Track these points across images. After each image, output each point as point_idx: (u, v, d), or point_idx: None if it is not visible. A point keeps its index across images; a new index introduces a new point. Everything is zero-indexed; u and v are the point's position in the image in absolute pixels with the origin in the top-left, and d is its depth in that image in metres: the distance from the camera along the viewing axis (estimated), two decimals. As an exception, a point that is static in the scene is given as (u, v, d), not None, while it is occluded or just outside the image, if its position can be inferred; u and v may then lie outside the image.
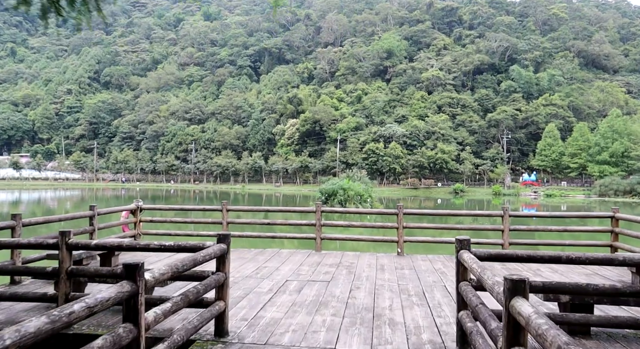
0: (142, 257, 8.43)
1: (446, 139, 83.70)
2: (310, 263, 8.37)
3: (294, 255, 9.16)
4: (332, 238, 10.06)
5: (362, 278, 7.19)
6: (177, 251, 4.81)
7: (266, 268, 7.95)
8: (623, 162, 68.13)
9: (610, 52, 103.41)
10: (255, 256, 9.03)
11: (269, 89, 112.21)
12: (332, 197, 35.38)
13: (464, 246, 4.35)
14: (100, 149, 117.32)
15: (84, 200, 53.28)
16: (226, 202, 9.94)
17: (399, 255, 9.26)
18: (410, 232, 15.73)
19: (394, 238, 9.46)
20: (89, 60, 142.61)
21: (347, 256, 9.13)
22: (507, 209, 9.16)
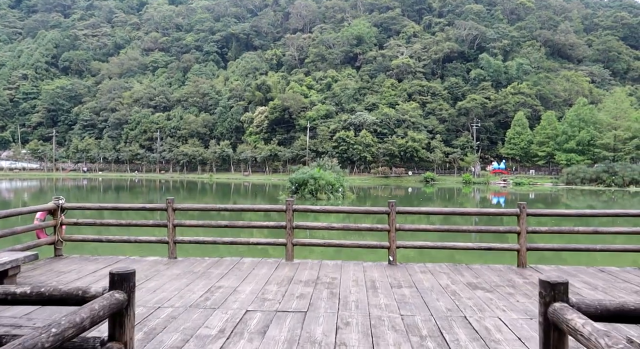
0: None
1: (417, 127, 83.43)
2: (280, 279, 6.54)
3: (259, 267, 7.33)
4: (307, 244, 8.29)
5: (350, 305, 5.38)
6: (25, 303, 2.72)
7: (220, 289, 6.08)
8: (589, 150, 69.41)
9: (575, 42, 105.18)
10: (208, 268, 7.20)
11: (237, 76, 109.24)
12: (302, 187, 34.02)
13: (558, 295, 2.44)
14: (59, 137, 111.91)
15: (42, 191, 50.25)
16: (172, 199, 7.90)
17: (391, 264, 7.47)
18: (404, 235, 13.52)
19: (384, 243, 7.63)
20: (46, 44, 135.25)
21: (326, 267, 7.29)
22: (524, 206, 7.28)
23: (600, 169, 62.13)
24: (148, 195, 44.37)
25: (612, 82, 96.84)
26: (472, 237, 12.97)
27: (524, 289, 6.02)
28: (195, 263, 7.56)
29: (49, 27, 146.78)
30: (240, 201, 37.81)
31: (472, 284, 6.25)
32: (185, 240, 8.21)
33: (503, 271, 7.05)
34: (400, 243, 7.59)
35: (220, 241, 8.15)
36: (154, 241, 8.36)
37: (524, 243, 7.34)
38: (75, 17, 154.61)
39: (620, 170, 60.17)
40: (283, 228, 7.78)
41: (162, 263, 7.56)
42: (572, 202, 39.02)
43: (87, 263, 7.57)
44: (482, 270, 7.08)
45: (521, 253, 7.32)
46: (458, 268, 7.29)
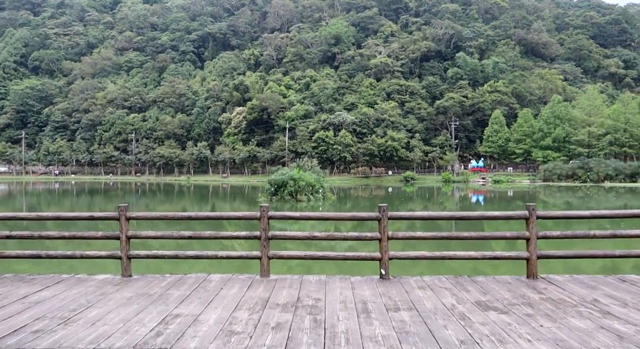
0: None
1: (396, 127, 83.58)
2: (253, 302, 5.46)
3: (229, 285, 6.23)
4: (285, 257, 7.10)
5: (339, 338, 4.40)
6: None
7: (178, 318, 4.96)
8: (565, 147, 70.64)
9: (548, 40, 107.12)
10: (168, 289, 6.10)
11: (214, 76, 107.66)
12: (281, 188, 33.31)
13: None
14: (29, 139, 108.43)
15: (11, 195, 48.28)
16: (125, 206, 6.82)
17: (383, 279, 6.53)
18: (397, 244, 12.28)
19: (375, 254, 6.65)
20: (14, 43, 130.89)
21: (308, 285, 6.26)
22: (534, 208, 6.50)
23: (576, 166, 63.23)
24: (123, 198, 43.03)
25: (584, 80, 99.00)
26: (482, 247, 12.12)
27: (543, 308, 5.21)
28: (153, 282, 6.47)
29: (17, 26, 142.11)
30: (219, 204, 36.97)
31: (482, 304, 5.40)
32: (141, 255, 7.00)
33: (512, 283, 6.30)
34: (394, 254, 6.61)
35: (183, 255, 6.96)
36: (104, 256, 7.12)
37: (534, 251, 6.48)
38: (45, 16, 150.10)
39: (595, 166, 61.32)
40: (257, 239, 6.71)
41: (112, 282, 6.51)
42: (549, 199, 39.43)
43: (20, 285, 6.40)
44: (489, 283, 6.31)
45: (531, 262, 6.51)
46: (461, 281, 6.47)
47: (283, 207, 29.40)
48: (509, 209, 30.73)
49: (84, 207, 33.13)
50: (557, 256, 7.06)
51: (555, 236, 6.78)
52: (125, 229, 6.76)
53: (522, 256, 6.59)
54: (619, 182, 59.33)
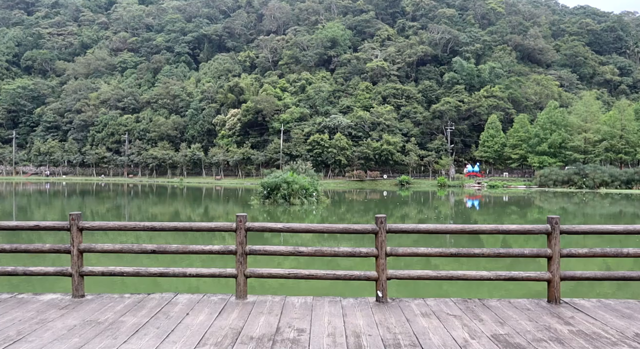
0: None
1: (391, 130, 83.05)
2: (222, 335, 4.50)
3: (197, 310, 5.27)
4: (265, 275, 5.85)
5: None
6: None
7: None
8: (560, 153, 70.33)
9: (544, 47, 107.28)
10: (122, 314, 5.10)
11: (209, 78, 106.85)
12: (274, 191, 32.54)
13: None
14: (20, 139, 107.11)
15: (1, 196, 47.18)
16: (78, 215, 5.85)
17: (380, 302, 5.60)
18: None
19: (370, 273, 5.70)
20: (7, 42, 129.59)
21: (291, 310, 5.29)
22: (557, 221, 5.57)
23: (572, 171, 62.92)
24: (115, 200, 42.19)
25: (580, 86, 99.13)
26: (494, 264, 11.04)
27: (576, 346, 4.20)
28: (107, 305, 5.46)
29: (10, 25, 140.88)
30: (212, 206, 36.20)
31: (501, 339, 4.43)
32: (96, 271, 5.88)
33: (533, 310, 5.33)
34: (393, 273, 5.67)
35: (145, 273, 5.80)
36: (52, 273, 5.99)
37: (557, 271, 5.51)
38: (39, 15, 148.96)
39: (591, 172, 61.03)
40: (232, 254, 5.70)
41: (59, 305, 5.50)
42: (545, 205, 39.04)
43: None
44: (505, 310, 5.33)
45: (553, 284, 5.53)
46: (471, 306, 5.49)
47: (276, 210, 28.71)
48: (505, 215, 30.20)
49: (74, 208, 32.25)
50: (584, 278, 5.80)
51: (582, 254, 5.64)
52: (77, 242, 5.75)
53: (543, 277, 5.58)
54: (614, 188, 59.04)
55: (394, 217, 28.29)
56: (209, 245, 5.82)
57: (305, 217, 26.26)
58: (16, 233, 16.43)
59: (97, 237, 15.81)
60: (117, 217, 27.54)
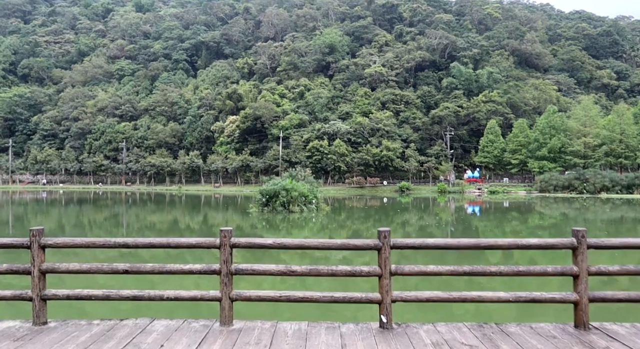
0: None
1: (391, 136, 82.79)
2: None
3: (174, 340, 4.65)
4: (254, 298, 5.15)
5: None
6: None
7: None
8: (560, 157, 70.04)
9: (541, 51, 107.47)
10: (86, 347, 4.43)
11: (207, 85, 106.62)
12: (273, 199, 32.08)
13: None
14: (17, 147, 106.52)
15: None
16: (40, 230, 5.18)
17: (384, 329, 4.96)
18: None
19: (373, 295, 5.00)
20: (4, 50, 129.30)
21: (282, 339, 4.68)
22: (584, 234, 4.93)
23: (572, 177, 62.62)
24: (112, 208, 41.67)
25: (577, 90, 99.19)
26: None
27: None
28: (71, 334, 4.75)
29: (7, 33, 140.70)
30: (211, 214, 35.71)
31: None
32: (60, 295, 5.08)
33: (559, 338, 4.68)
34: (398, 295, 4.98)
35: (117, 296, 5.08)
36: (9, 297, 5.17)
37: (585, 291, 4.83)
38: (36, 23, 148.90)
39: (591, 177, 60.74)
40: (216, 274, 5.02)
41: (15, 335, 4.79)
42: (546, 210, 38.76)
43: None
44: (527, 337, 4.71)
45: (581, 307, 4.87)
46: (488, 332, 4.86)
47: (275, 218, 28.27)
48: (506, 220, 29.77)
49: (71, 217, 31.76)
50: (616, 299, 5.01)
51: (614, 271, 4.91)
52: (38, 261, 5.05)
53: (569, 299, 4.89)
54: (615, 193, 58.75)
55: (394, 224, 27.77)
56: (189, 264, 5.14)
57: (304, 225, 25.75)
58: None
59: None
60: (115, 226, 27.03)
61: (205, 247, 5.14)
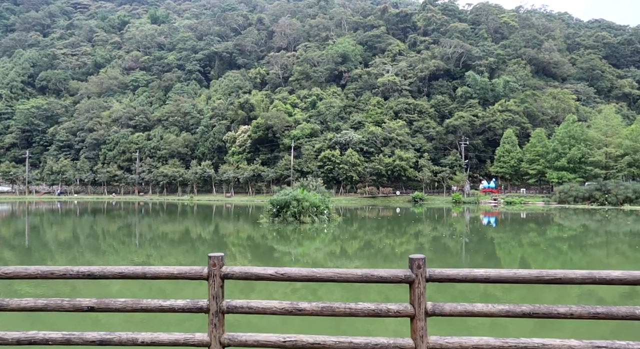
0: None
1: (404, 146, 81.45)
2: None
3: None
4: (250, 343, 3.99)
5: None
6: None
7: None
8: (580, 168, 67.76)
9: (559, 60, 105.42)
10: None
11: (220, 95, 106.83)
12: (284, 209, 31.14)
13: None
14: (34, 158, 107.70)
15: (14, 215, 46.54)
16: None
17: None
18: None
19: (404, 342, 3.84)
20: (23, 63, 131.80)
21: None
22: None
23: (593, 187, 60.42)
24: (125, 218, 41.34)
25: (597, 100, 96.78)
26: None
27: None
28: None
29: (26, 46, 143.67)
30: (222, 224, 34.96)
31: None
32: (9, 339, 4.09)
33: None
34: (436, 341, 3.82)
35: (79, 339, 4.04)
36: None
37: None
38: (54, 36, 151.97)
39: (613, 188, 58.49)
40: (204, 312, 4.05)
41: None
42: (565, 222, 37.26)
43: None
44: None
45: None
46: None
47: (286, 229, 27.36)
48: (522, 232, 28.18)
49: (85, 228, 31.35)
50: None
51: None
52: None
53: None
54: (639, 205, 56.44)
55: (407, 235, 26.70)
56: (170, 300, 4.10)
57: (315, 237, 24.82)
58: None
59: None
60: (128, 236, 26.71)
61: (189, 278, 4.09)
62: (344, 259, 16.68)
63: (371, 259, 16.75)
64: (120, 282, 11.13)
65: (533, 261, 17.23)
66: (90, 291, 10.73)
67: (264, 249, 20.72)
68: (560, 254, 18.45)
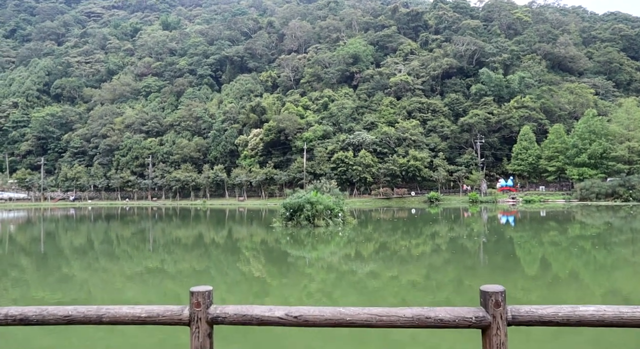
0: None
1: (418, 146, 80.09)
2: None
3: None
4: None
5: None
6: None
7: None
8: (602, 164, 65.69)
9: (575, 54, 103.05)
10: None
11: (231, 99, 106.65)
12: (297, 212, 30.24)
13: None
14: (49, 165, 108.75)
15: (30, 222, 46.59)
16: None
17: None
18: None
19: None
20: (38, 71, 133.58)
21: None
22: None
23: (616, 183, 58.55)
24: (139, 224, 40.99)
25: (616, 93, 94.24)
26: None
27: None
28: None
29: (41, 55, 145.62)
30: (235, 228, 34.31)
31: None
32: None
33: None
34: None
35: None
36: None
37: None
38: (68, 45, 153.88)
39: (638, 183, 56.61)
40: None
41: None
42: (587, 219, 35.98)
43: None
44: None
45: None
46: None
47: (299, 233, 26.50)
48: (542, 231, 26.89)
49: (99, 233, 31.04)
50: None
51: None
52: None
53: None
54: (665, 200, 54.46)
55: (424, 236, 25.74)
56: None
57: (330, 240, 23.97)
58: None
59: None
60: (142, 241, 26.30)
61: (163, 323, 2.95)
62: (359, 262, 16.08)
63: (387, 261, 16.29)
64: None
65: (554, 260, 16.65)
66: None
67: (277, 254, 20.15)
68: (583, 254, 17.75)
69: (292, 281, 13.11)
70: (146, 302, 9.19)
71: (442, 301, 10.04)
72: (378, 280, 12.75)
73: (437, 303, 9.79)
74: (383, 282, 12.41)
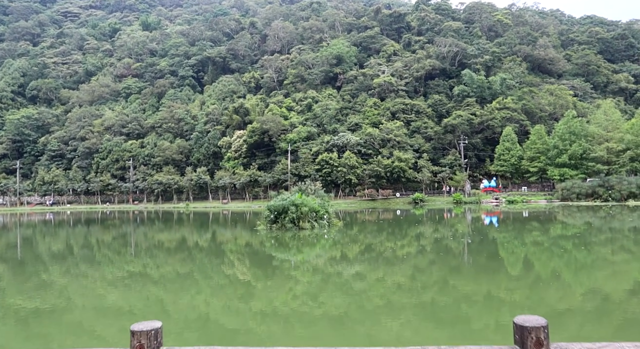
0: None
1: (402, 147, 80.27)
2: None
3: None
4: None
5: None
6: None
7: None
8: (582, 164, 66.73)
9: (554, 56, 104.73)
10: None
11: (214, 100, 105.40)
12: (282, 215, 29.79)
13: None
14: (25, 169, 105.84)
15: (5, 228, 45.05)
16: None
17: None
18: None
19: None
20: (12, 72, 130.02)
21: None
22: None
23: (596, 184, 59.44)
24: (120, 228, 40.06)
25: (594, 95, 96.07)
26: None
27: None
28: None
29: (16, 56, 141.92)
30: (219, 231, 33.70)
31: None
32: None
33: None
34: None
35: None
36: None
37: None
38: (44, 45, 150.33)
39: (617, 184, 57.55)
40: None
41: None
42: (568, 219, 36.31)
43: None
44: None
45: None
46: None
47: (284, 236, 26.11)
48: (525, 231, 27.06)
49: (79, 238, 30.12)
50: None
51: None
52: None
53: None
54: (643, 200, 55.49)
55: (409, 237, 25.66)
56: None
57: (316, 242, 23.63)
58: None
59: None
60: (124, 246, 25.79)
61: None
62: (345, 264, 16.24)
63: (372, 263, 16.37)
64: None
65: (537, 260, 16.93)
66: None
67: (262, 257, 19.88)
68: (564, 253, 18.05)
69: (277, 284, 13.04)
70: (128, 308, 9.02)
71: (427, 301, 10.11)
72: (364, 282, 12.86)
73: (422, 304, 9.83)
74: (369, 283, 12.56)
